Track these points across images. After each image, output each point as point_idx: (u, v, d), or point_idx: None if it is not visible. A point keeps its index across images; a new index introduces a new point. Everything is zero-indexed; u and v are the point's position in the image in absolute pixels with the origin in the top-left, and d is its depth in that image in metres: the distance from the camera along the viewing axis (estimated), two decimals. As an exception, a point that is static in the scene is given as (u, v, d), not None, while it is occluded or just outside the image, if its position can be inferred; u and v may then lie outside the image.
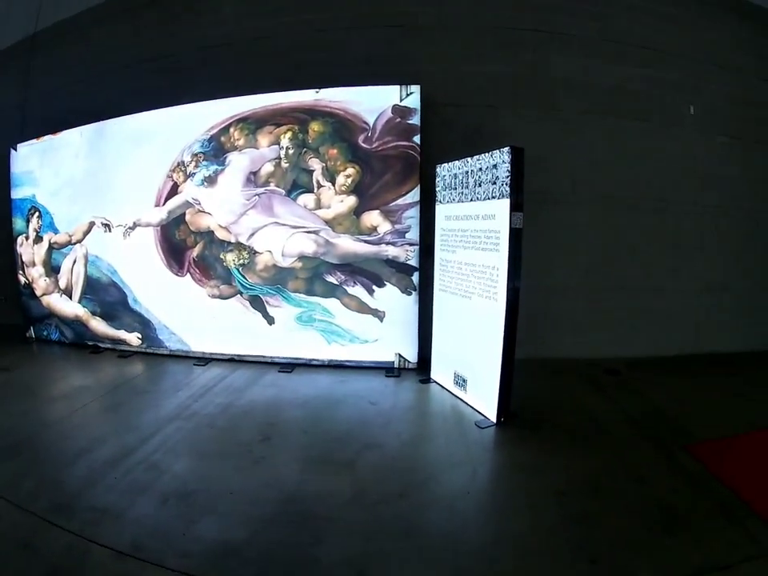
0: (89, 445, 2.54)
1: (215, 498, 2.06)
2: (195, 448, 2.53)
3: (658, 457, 2.42)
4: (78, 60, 5.09)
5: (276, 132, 3.65)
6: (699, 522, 1.88)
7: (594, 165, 4.17)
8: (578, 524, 1.86)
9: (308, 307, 3.72)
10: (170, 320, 4.11)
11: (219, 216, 3.82)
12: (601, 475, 2.23)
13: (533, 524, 1.87)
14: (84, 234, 4.38)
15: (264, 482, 2.18)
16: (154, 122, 4.07)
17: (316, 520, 1.90)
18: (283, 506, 1.99)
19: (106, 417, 3.00)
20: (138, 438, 2.63)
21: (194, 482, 2.17)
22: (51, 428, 2.79)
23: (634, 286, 4.31)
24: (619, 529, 1.83)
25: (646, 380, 3.66)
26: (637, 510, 1.95)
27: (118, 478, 2.20)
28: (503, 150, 2.73)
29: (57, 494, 2.09)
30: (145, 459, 2.38)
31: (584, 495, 2.06)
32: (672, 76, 4.32)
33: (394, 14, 4.00)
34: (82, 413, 3.04)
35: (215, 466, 2.34)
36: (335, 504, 2.01)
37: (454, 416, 2.98)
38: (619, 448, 2.52)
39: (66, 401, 3.23)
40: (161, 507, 1.99)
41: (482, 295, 2.93)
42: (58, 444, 2.58)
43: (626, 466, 2.32)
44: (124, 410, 3.08)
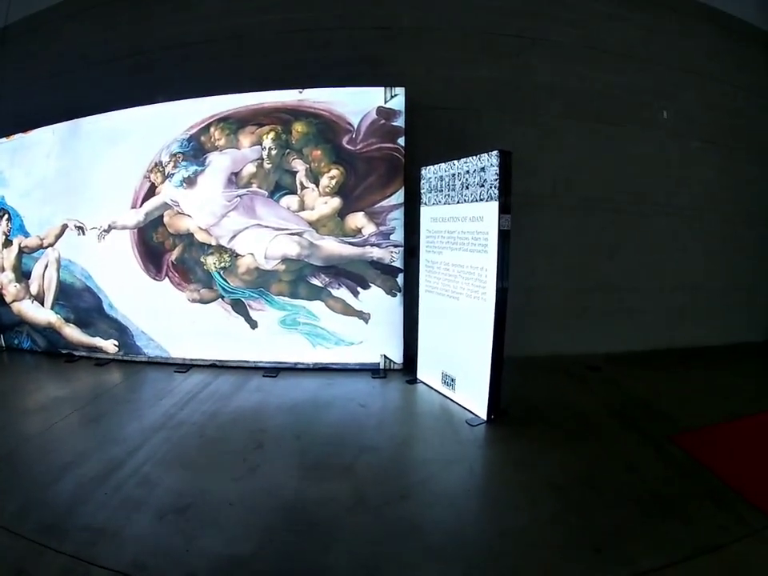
0: (73, 459, 2.41)
1: (214, 510, 1.99)
2: (186, 459, 2.44)
3: (646, 448, 2.52)
4: (51, 56, 4.89)
5: (258, 132, 3.58)
6: (690, 507, 1.99)
7: (575, 168, 4.26)
8: (577, 515, 1.93)
9: (292, 310, 3.66)
10: (149, 326, 3.97)
11: (199, 218, 3.72)
12: (594, 468, 2.31)
13: (535, 517, 1.92)
14: (56, 237, 4.19)
15: (263, 491, 2.13)
16: (130, 120, 3.93)
17: (321, 526, 1.88)
18: (286, 515, 1.95)
19: (89, 429, 2.85)
20: (125, 450, 2.52)
21: (190, 495, 2.09)
22: (30, 442, 2.64)
23: (613, 285, 4.44)
24: (617, 518, 1.91)
25: (627, 375, 3.80)
26: (631, 500, 2.04)
27: (108, 493, 2.10)
28: (491, 154, 2.77)
29: (44, 513, 1.97)
30: (135, 473, 2.28)
31: (580, 488, 2.13)
32: (649, 83, 4.46)
33: (379, 15, 3.99)
34: (62, 425, 2.89)
35: (210, 477, 2.25)
36: (338, 509, 1.99)
37: (444, 415, 2.99)
38: (608, 441, 2.61)
39: (43, 413, 3.07)
40: (158, 523, 1.90)
41: (471, 296, 2.95)
42: (40, 459, 2.43)
43: (617, 458, 2.40)
44: (106, 421, 2.95)
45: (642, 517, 1.91)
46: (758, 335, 5.01)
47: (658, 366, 4.07)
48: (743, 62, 4.84)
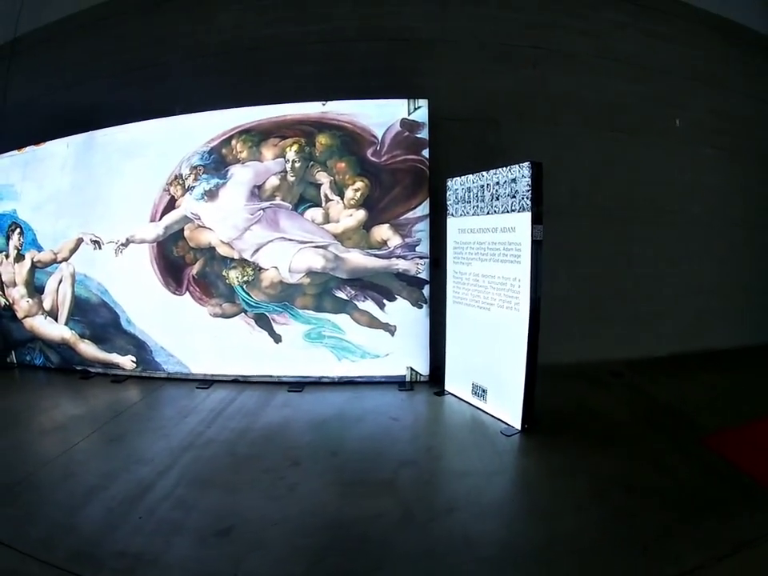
0: (99, 482, 2.33)
1: (258, 531, 1.93)
2: (220, 478, 2.37)
3: (677, 451, 2.55)
4: (63, 67, 4.84)
5: (281, 144, 3.56)
6: (727, 506, 2.04)
7: (591, 177, 4.29)
8: (621, 519, 1.95)
9: (317, 324, 3.62)
10: (168, 341, 3.90)
11: (221, 231, 3.67)
12: (629, 472, 2.33)
13: (581, 523, 1.93)
14: (71, 251, 4.12)
15: (305, 510, 2.08)
16: (147, 132, 3.89)
17: (370, 544, 1.84)
18: (333, 533, 1.91)
19: (112, 449, 2.76)
20: (154, 471, 2.44)
21: (230, 516, 2.03)
22: (51, 464, 2.54)
23: (631, 292, 4.46)
24: (659, 519, 1.94)
25: (649, 380, 3.83)
26: (670, 501, 2.08)
27: (142, 517, 2.02)
28: (522, 165, 2.79)
29: (74, 540, 1.88)
30: (168, 495, 2.21)
31: (619, 492, 2.16)
32: (661, 91, 4.51)
33: (397, 28, 4.01)
34: (83, 445, 2.80)
35: (248, 497, 2.19)
36: (386, 526, 1.95)
37: (477, 426, 2.98)
38: (640, 445, 2.64)
39: (62, 432, 2.98)
40: (201, 547, 1.83)
41: (503, 306, 2.95)
42: (63, 483, 2.35)
43: (650, 462, 2.43)
44: (130, 440, 2.87)
45: (682, 517, 1.95)
46: (772, 337, 5.06)
47: (679, 370, 4.10)
48: (750, 69, 4.92)
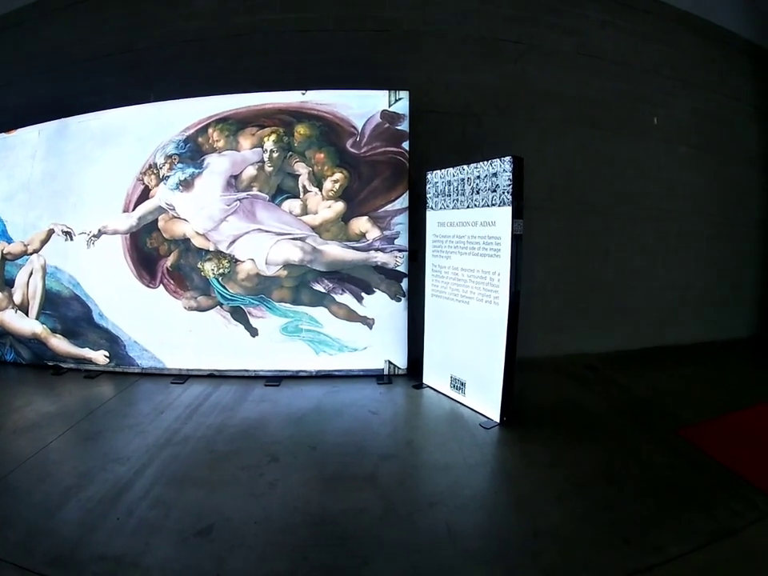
0: (76, 482, 2.25)
1: (239, 529, 1.89)
2: (199, 476, 2.31)
3: (655, 442, 2.62)
4: (36, 52, 4.66)
5: (259, 134, 3.48)
6: (705, 496, 2.11)
7: (570, 172, 4.32)
8: (603, 510, 2.00)
9: (294, 317, 3.57)
10: (142, 335, 3.79)
11: (196, 222, 3.58)
12: (609, 464, 2.38)
13: (564, 515, 1.97)
14: (42, 242, 3.97)
15: (287, 506, 2.05)
16: (121, 120, 3.77)
17: (355, 539, 1.83)
18: (316, 530, 1.89)
19: (87, 447, 2.67)
20: (131, 469, 2.37)
21: (210, 515, 1.98)
22: (26, 465, 2.45)
23: (606, 286, 4.54)
24: (640, 510, 2.00)
25: (623, 373, 3.91)
26: (649, 492, 2.13)
27: (120, 518, 1.96)
28: (504, 159, 2.79)
29: (52, 543, 1.81)
30: (145, 494, 2.15)
31: (600, 484, 2.21)
32: (640, 89, 4.57)
33: (379, 18, 3.96)
34: (58, 444, 2.70)
35: (228, 495, 2.14)
36: (369, 520, 1.94)
37: (457, 419, 2.98)
38: (618, 438, 2.70)
39: (36, 431, 2.87)
40: (182, 547, 1.79)
41: (482, 300, 2.95)
42: (39, 484, 2.25)
43: (629, 454, 2.49)
44: (106, 438, 2.77)
45: (662, 508, 2.00)
46: (744, 331, 5.22)
47: (652, 363, 4.20)
48: (729, 70, 5.02)
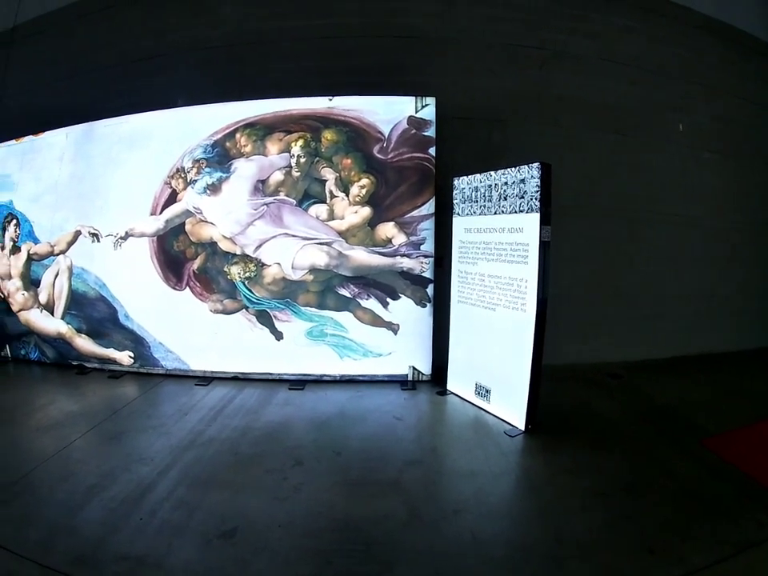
0: (99, 482, 2.27)
1: (263, 533, 1.89)
2: (223, 479, 2.33)
3: (679, 452, 2.58)
4: (62, 57, 4.75)
5: (286, 139, 3.51)
6: (729, 506, 2.06)
7: (594, 178, 4.29)
8: (627, 519, 1.97)
9: (319, 321, 3.58)
10: (167, 337, 3.83)
11: (223, 226, 3.62)
12: (633, 474, 2.35)
13: (588, 524, 1.94)
14: (68, 244, 4.04)
15: (311, 511, 2.04)
16: (149, 124, 3.83)
17: (379, 545, 1.82)
18: (340, 535, 1.88)
19: (111, 447, 2.70)
20: (155, 470, 2.39)
21: (234, 518, 1.99)
22: (48, 463, 2.48)
23: (631, 294, 4.47)
24: (664, 520, 1.96)
25: (648, 382, 3.85)
26: (673, 502, 2.10)
27: (143, 519, 1.97)
28: (532, 165, 2.79)
29: (74, 542, 1.82)
30: (169, 495, 2.16)
31: (624, 493, 2.17)
32: (662, 94, 4.54)
33: (404, 25, 3.97)
34: (81, 443, 2.74)
35: (252, 498, 2.15)
36: (393, 526, 1.93)
37: (481, 427, 2.97)
38: (642, 447, 2.66)
39: (59, 430, 2.91)
40: (205, 549, 1.79)
41: (509, 306, 2.94)
42: (62, 482, 2.28)
43: (653, 464, 2.45)
44: (129, 438, 2.80)
45: (686, 518, 1.97)
46: (770, 340, 5.12)
47: (677, 372, 4.13)
48: (750, 74, 4.95)
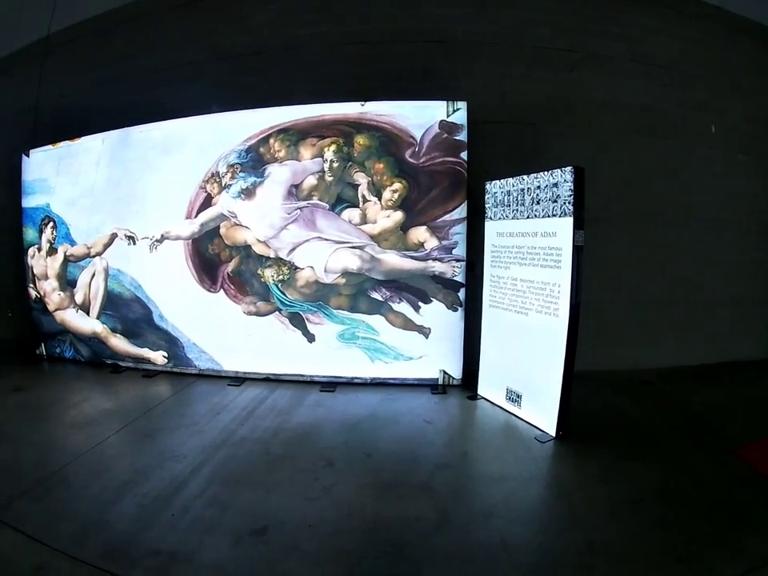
0: (132, 478, 2.32)
1: (294, 532, 1.90)
2: (254, 478, 2.36)
3: (710, 461, 2.53)
4: (96, 64, 4.89)
5: (319, 144, 3.56)
6: (760, 517, 2.03)
7: (626, 182, 4.23)
8: (656, 528, 1.93)
9: (351, 324, 3.62)
10: (201, 338, 3.92)
11: (257, 230, 3.68)
12: (663, 482, 2.32)
13: (618, 531, 1.92)
14: (104, 246, 4.16)
15: (342, 512, 2.06)
16: (183, 130, 3.93)
17: (409, 548, 1.82)
18: (370, 536, 1.89)
19: (144, 444, 2.76)
20: (187, 468, 2.43)
21: (265, 516, 2.01)
22: (83, 459, 2.54)
23: (664, 299, 4.39)
24: (693, 529, 1.93)
25: (680, 389, 3.79)
26: (704, 511, 2.06)
27: (176, 515, 2.01)
28: (565, 169, 2.77)
29: (106, 536, 1.86)
30: (201, 493, 2.19)
31: (654, 501, 2.15)
32: (695, 96, 4.46)
33: (433, 29, 3.99)
34: (115, 440, 2.81)
35: (283, 497, 2.17)
36: (423, 529, 1.93)
37: (511, 432, 2.96)
38: (673, 455, 2.63)
39: (94, 427, 2.99)
40: (236, 547, 1.81)
41: (541, 311, 2.92)
42: (95, 478, 2.33)
43: (684, 472, 2.42)
44: (163, 436, 2.87)
45: (717, 527, 1.93)
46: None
47: (709, 379, 4.06)
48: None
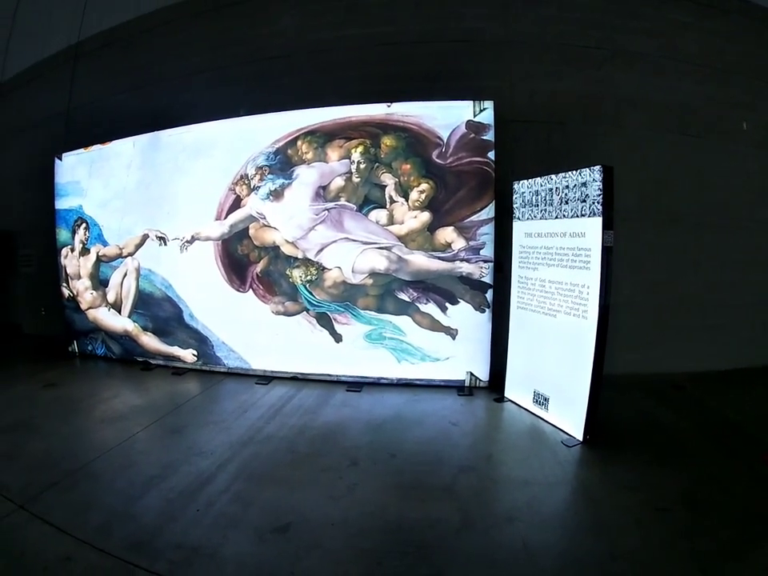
0: (159, 472, 2.38)
1: (316, 530, 1.93)
2: (279, 475, 2.39)
3: (741, 469, 2.47)
4: (125, 70, 5.04)
5: (346, 146, 3.59)
6: None
7: (658, 181, 4.15)
8: (682, 537, 1.88)
9: (378, 325, 3.63)
10: (230, 337, 3.99)
11: (286, 231, 3.73)
12: (692, 489, 2.27)
13: (642, 540, 1.87)
14: (136, 246, 4.27)
15: (364, 511, 2.07)
16: (212, 133, 4.00)
17: (431, 549, 1.82)
18: (392, 536, 1.90)
19: (172, 440, 2.82)
20: (213, 464, 2.48)
21: (288, 514, 2.03)
22: (112, 453, 2.61)
23: (696, 301, 4.29)
24: (719, 540, 1.87)
25: (712, 394, 3.70)
26: (732, 521, 1.99)
27: (200, 510, 2.05)
28: (593, 169, 2.73)
29: (131, 529, 1.91)
30: (226, 488, 2.23)
31: (682, 509, 2.09)
32: (727, 93, 4.34)
33: (460, 29, 3.98)
34: (143, 436, 2.88)
35: (307, 495, 2.19)
36: (446, 531, 1.93)
37: (538, 435, 2.93)
38: (703, 462, 2.56)
39: (123, 422, 3.07)
40: (258, 543, 1.84)
41: (570, 313, 2.89)
42: (123, 472, 2.40)
43: (713, 479, 2.35)
44: (190, 432, 2.92)
45: (743, 539, 1.87)
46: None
47: (742, 385, 3.95)
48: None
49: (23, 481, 2.29)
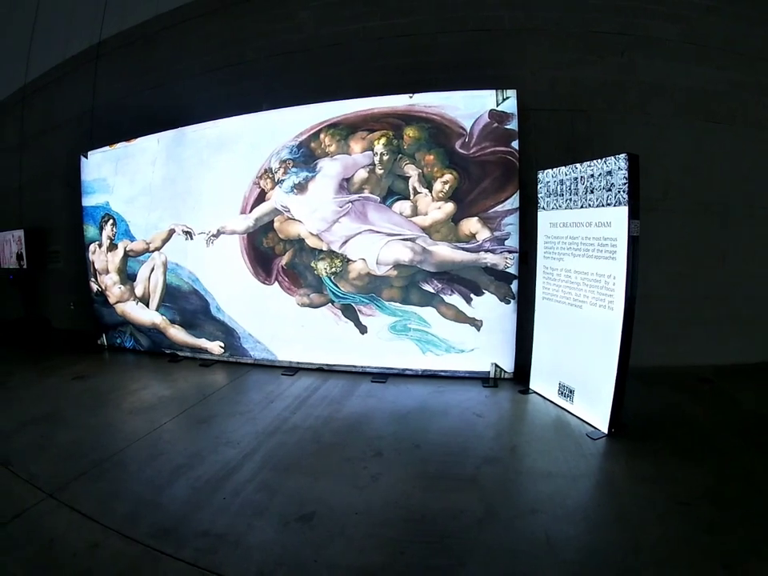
0: (186, 462, 2.43)
1: (340, 519, 1.95)
2: (304, 464, 2.43)
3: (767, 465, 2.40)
4: (147, 68, 5.12)
5: (369, 138, 3.60)
6: None
7: (684, 170, 4.07)
8: (705, 533, 1.86)
9: (403, 316, 3.66)
10: (256, 329, 4.07)
11: (310, 223, 3.78)
12: (717, 484, 2.23)
13: (665, 534, 1.86)
14: (163, 241, 4.37)
15: (388, 501, 2.09)
16: (236, 128, 4.06)
17: (453, 539, 1.83)
18: (415, 526, 1.91)
19: (200, 430, 2.88)
20: (240, 453, 2.53)
21: (313, 502, 2.06)
22: (140, 443, 2.68)
23: (724, 293, 4.20)
24: (746, 537, 1.83)
25: (739, 388, 3.61)
26: (756, 518, 1.95)
27: (226, 498, 2.09)
28: (618, 157, 2.70)
29: (158, 517, 1.96)
30: (252, 477, 2.28)
31: (705, 504, 2.06)
32: (754, 79, 4.23)
33: (480, 18, 3.94)
34: (171, 426, 2.94)
35: (331, 484, 2.22)
36: (468, 522, 1.94)
37: (563, 427, 2.91)
38: (728, 457, 2.52)
39: (151, 413, 3.15)
40: (283, 531, 1.87)
41: (596, 304, 2.87)
42: (150, 461, 2.46)
43: (739, 475, 2.31)
44: (217, 422, 2.98)
45: None
46: None
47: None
48: None
49: (52, 471, 2.36)
